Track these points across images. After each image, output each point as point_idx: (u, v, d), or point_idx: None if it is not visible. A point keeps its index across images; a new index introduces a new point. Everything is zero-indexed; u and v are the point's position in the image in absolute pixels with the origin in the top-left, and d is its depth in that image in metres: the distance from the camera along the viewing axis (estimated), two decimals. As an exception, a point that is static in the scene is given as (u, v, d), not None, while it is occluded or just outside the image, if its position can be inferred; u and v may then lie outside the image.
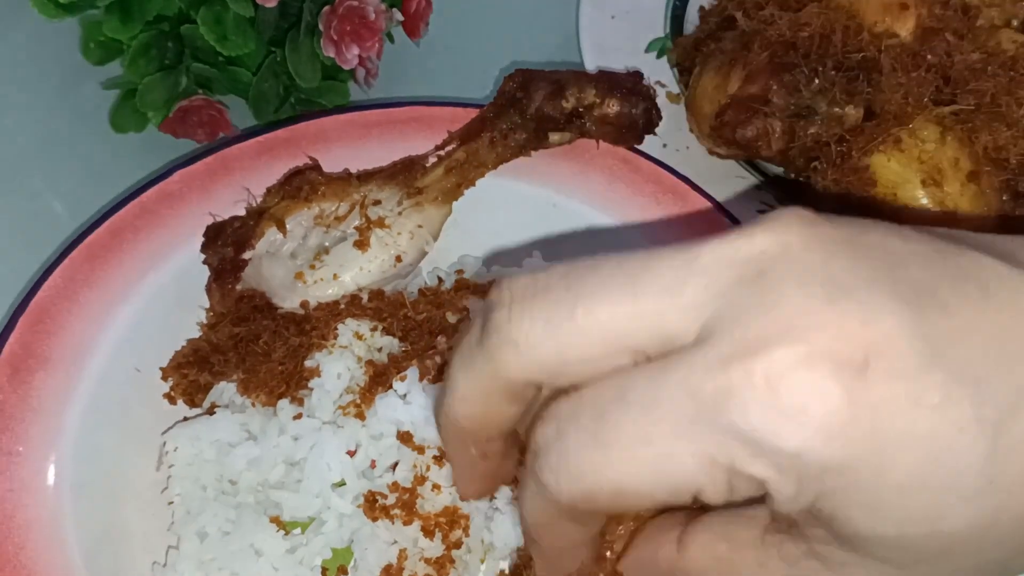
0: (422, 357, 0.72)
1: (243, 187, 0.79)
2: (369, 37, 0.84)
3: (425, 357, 0.72)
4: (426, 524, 0.67)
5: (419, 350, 0.73)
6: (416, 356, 0.72)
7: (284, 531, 0.69)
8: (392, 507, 0.67)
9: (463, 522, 0.67)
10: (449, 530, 0.66)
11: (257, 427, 0.71)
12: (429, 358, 0.72)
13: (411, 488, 0.68)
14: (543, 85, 0.80)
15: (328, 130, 0.81)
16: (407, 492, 0.67)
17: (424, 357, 0.72)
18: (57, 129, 0.90)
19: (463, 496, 0.52)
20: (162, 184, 0.77)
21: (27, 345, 0.71)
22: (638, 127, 0.81)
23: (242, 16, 0.81)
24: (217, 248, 0.76)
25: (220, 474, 0.70)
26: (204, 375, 0.74)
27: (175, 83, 0.83)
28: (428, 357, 0.72)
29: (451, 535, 0.67)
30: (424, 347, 0.73)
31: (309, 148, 0.80)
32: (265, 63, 0.84)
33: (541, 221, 0.81)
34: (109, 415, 0.72)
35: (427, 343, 0.73)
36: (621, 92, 0.80)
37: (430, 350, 0.73)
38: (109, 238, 0.75)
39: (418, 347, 0.73)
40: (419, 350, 0.73)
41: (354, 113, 0.82)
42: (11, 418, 0.69)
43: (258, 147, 0.79)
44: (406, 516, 0.66)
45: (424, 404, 0.70)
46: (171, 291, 0.76)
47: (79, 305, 0.73)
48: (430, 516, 0.67)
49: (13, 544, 0.66)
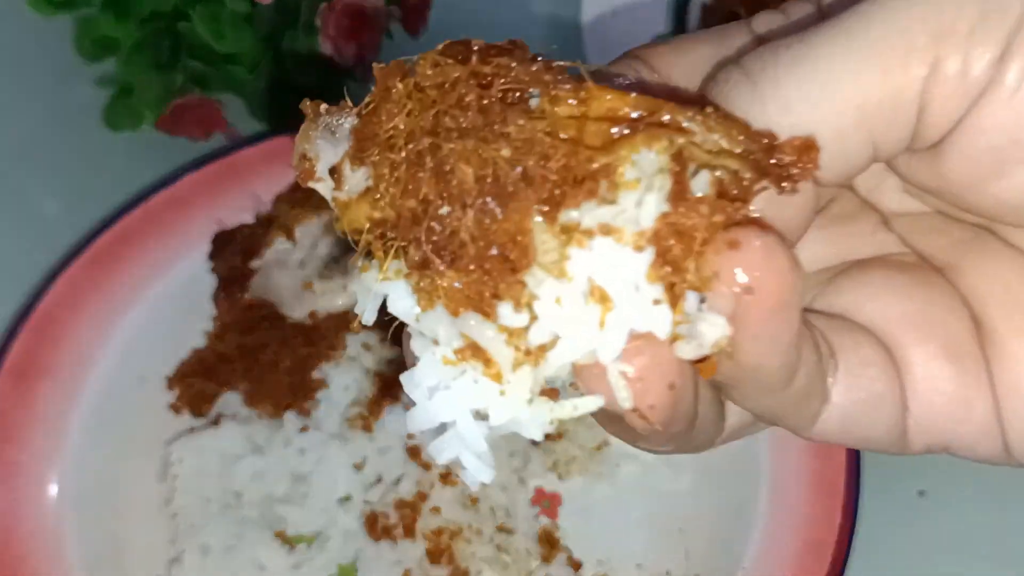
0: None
1: (252, 193, 0.77)
2: (368, 34, 0.82)
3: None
4: (431, 545, 0.66)
5: (429, 362, 0.71)
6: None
7: (289, 546, 0.68)
8: (394, 527, 0.66)
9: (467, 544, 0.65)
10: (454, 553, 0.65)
11: (263, 439, 0.70)
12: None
13: (412, 503, 0.67)
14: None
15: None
16: (409, 509, 0.66)
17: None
18: (50, 128, 0.88)
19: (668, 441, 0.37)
20: (169, 189, 0.76)
21: (30, 353, 0.70)
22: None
23: (238, 13, 0.80)
24: (225, 256, 0.75)
25: (225, 486, 0.69)
26: (210, 385, 0.73)
27: (170, 81, 0.82)
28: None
29: (457, 559, 0.65)
30: (434, 360, 0.71)
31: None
32: (262, 61, 0.83)
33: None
34: (112, 425, 0.71)
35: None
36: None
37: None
38: (114, 244, 0.74)
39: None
40: (429, 362, 0.71)
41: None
42: (14, 428, 0.68)
43: (267, 152, 0.78)
44: (408, 535, 0.65)
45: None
46: (177, 299, 0.75)
47: (83, 313, 0.72)
48: (432, 535, 0.66)
49: (14, 556, 0.65)
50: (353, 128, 0.33)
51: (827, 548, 0.63)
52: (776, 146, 0.32)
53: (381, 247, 0.32)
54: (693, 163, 0.31)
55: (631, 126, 0.31)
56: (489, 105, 0.31)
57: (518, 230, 0.30)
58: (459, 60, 0.32)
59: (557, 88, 0.31)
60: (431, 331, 0.32)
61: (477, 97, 0.31)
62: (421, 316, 0.32)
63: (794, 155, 0.32)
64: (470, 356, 0.31)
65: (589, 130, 0.31)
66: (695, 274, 0.31)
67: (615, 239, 0.30)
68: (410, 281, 0.31)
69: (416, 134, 0.31)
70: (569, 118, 0.31)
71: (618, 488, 0.71)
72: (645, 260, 0.31)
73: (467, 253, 0.30)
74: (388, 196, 0.32)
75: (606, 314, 0.31)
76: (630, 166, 0.30)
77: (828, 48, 0.32)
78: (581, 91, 0.31)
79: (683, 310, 0.31)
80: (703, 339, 0.31)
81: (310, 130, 0.34)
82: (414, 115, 0.32)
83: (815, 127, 0.32)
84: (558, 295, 0.30)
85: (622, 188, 0.30)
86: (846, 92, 0.32)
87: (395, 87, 0.32)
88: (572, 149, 0.30)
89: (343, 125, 0.34)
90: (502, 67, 0.31)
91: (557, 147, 0.30)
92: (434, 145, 0.31)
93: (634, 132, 0.31)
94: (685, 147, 0.31)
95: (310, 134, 0.34)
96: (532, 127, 0.31)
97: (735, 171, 0.32)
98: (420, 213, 0.31)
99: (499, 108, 0.31)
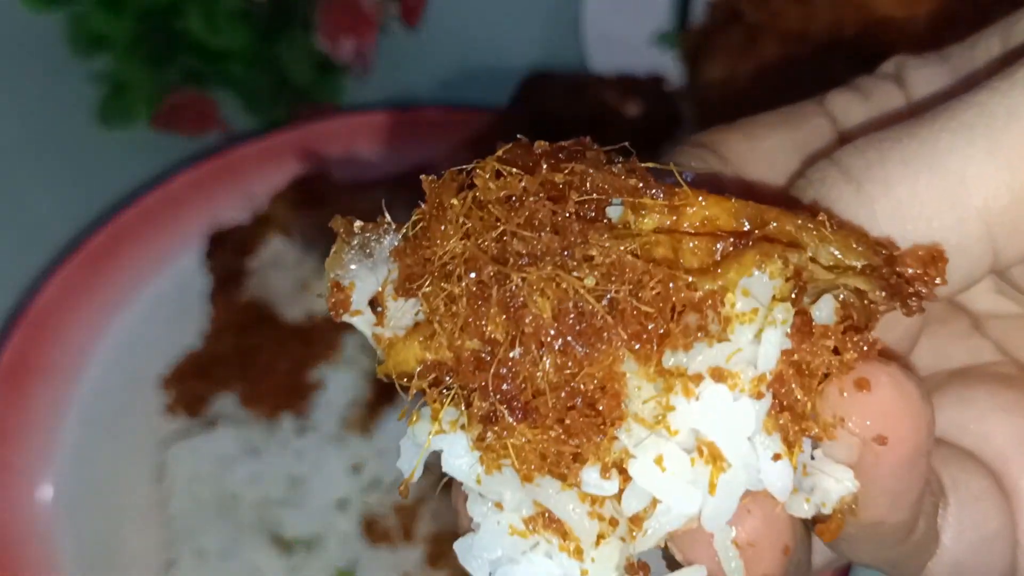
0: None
1: (247, 192, 0.76)
2: (365, 29, 0.82)
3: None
4: (430, 549, 0.65)
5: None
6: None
7: (286, 549, 0.67)
8: (393, 531, 0.65)
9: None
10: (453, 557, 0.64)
11: (259, 441, 0.69)
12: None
13: (411, 506, 0.66)
14: (560, 88, 0.78)
15: (335, 134, 0.78)
16: (408, 512, 0.66)
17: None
18: (42, 125, 0.87)
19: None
20: (164, 188, 0.75)
21: (23, 354, 0.69)
22: (658, 133, 0.78)
23: (234, 9, 0.79)
24: (221, 256, 0.74)
25: (221, 489, 0.68)
26: (205, 386, 0.72)
27: (165, 78, 0.81)
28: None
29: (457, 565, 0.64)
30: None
31: (316, 152, 0.77)
32: (257, 57, 0.82)
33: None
34: (107, 426, 0.70)
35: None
36: (641, 96, 0.77)
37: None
38: (108, 243, 0.73)
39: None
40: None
41: (362, 116, 0.80)
42: (6, 429, 0.67)
43: (263, 150, 0.77)
44: (407, 539, 0.64)
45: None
46: (172, 299, 0.74)
47: (76, 313, 0.71)
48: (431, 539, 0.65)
49: (6, 559, 0.64)
50: (397, 249, 0.28)
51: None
52: (897, 257, 0.27)
53: (436, 395, 0.27)
54: (811, 283, 0.26)
55: (738, 240, 0.26)
56: (565, 223, 0.25)
57: (608, 376, 0.25)
58: (524, 167, 0.26)
59: (644, 195, 0.26)
60: (495, 494, 0.26)
61: (550, 213, 0.25)
62: (484, 477, 0.26)
63: (919, 267, 0.28)
64: (543, 527, 0.26)
65: (685, 248, 0.26)
66: (814, 419, 0.26)
67: (729, 385, 0.25)
68: (471, 435, 0.26)
69: (478, 260, 0.25)
70: (658, 231, 0.26)
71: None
72: (763, 408, 0.25)
73: (544, 405, 0.25)
74: (445, 334, 0.26)
75: (718, 475, 0.25)
76: (742, 293, 0.25)
77: (947, 145, 0.28)
78: (672, 196, 0.26)
79: (797, 461, 0.26)
80: (827, 497, 0.27)
81: (343, 252, 0.28)
82: (475, 236, 0.26)
83: (934, 235, 0.28)
84: (658, 453, 0.25)
85: (735, 321, 0.25)
86: (969, 195, 0.28)
87: (451, 204, 0.26)
88: (668, 274, 0.25)
89: (383, 245, 0.28)
90: (577, 174, 0.26)
91: (651, 272, 0.25)
92: (501, 273, 0.25)
93: (741, 249, 0.26)
94: (803, 265, 0.26)
95: (343, 257, 0.28)
96: (620, 247, 0.25)
97: (858, 290, 0.26)
98: (485, 356, 0.26)
99: (578, 226, 0.25)
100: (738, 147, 0.33)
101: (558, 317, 0.25)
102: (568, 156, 0.27)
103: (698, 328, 0.25)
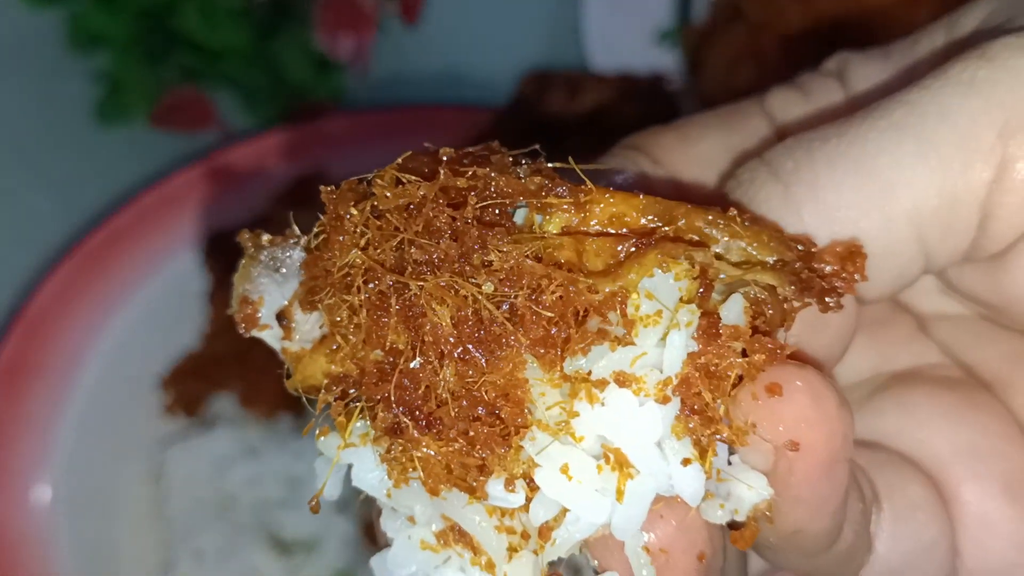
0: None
1: (246, 191, 0.76)
2: (364, 27, 0.81)
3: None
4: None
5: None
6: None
7: (284, 551, 0.66)
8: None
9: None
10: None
11: (257, 442, 0.69)
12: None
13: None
14: (560, 87, 0.78)
15: (335, 133, 0.78)
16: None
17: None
18: (40, 123, 0.87)
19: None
20: (162, 187, 0.74)
21: (21, 355, 0.69)
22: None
23: (232, 7, 0.79)
24: (220, 256, 0.73)
25: (219, 491, 0.68)
26: (203, 386, 0.72)
27: (162, 76, 0.81)
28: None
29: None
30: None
31: (315, 151, 0.77)
32: (255, 56, 0.82)
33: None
34: (104, 426, 0.70)
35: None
36: (642, 96, 0.77)
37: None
38: (106, 243, 0.73)
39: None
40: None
41: (360, 115, 0.79)
42: (4, 431, 0.67)
43: (261, 150, 0.77)
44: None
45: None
46: (170, 299, 0.73)
47: (74, 313, 0.71)
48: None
49: (3, 561, 0.64)
50: (303, 263, 0.28)
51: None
52: (815, 253, 0.27)
53: (342, 408, 0.27)
54: (719, 282, 0.26)
55: (640, 240, 0.26)
56: (464, 229, 0.25)
57: (510, 383, 0.25)
58: (424, 175, 0.26)
59: (547, 196, 0.26)
60: (406, 508, 0.26)
61: (448, 220, 0.25)
62: (393, 491, 0.26)
63: (837, 263, 0.27)
64: (454, 541, 0.26)
65: (589, 249, 0.25)
66: (726, 424, 0.26)
67: (634, 390, 0.25)
68: (378, 448, 0.26)
69: (376, 270, 0.25)
70: (563, 234, 0.25)
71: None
72: (671, 412, 0.25)
73: (447, 415, 0.25)
74: (348, 347, 0.26)
75: (625, 482, 0.25)
76: (645, 296, 0.25)
77: (874, 146, 0.27)
78: (578, 195, 0.25)
79: (710, 466, 0.26)
80: (740, 504, 0.26)
81: (251, 267, 0.29)
82: (373, 246, 0.26)
83: (861, 237, 0.28)
84: (564, 461, 0.25)
85: (639, 324, 0.25)
86: (898, 198, 0.27)
87: (348, 214, 0.26)
88: (568, 277, 0.25)
89: (291, 258, 0.29)
90: (479, 178, 0.25)
91: (551, 276, 0.25)
92: (400, 284, 0.25)
93: (643, 249, 0.25)
94: (708, 263, 0.26)
95: (251, 271, 0.29)
96: (519, 252, 0.25)
97: (770, 287, 0.26)
98: (387, 367, 0.25)
99: (476, 232, 0.25)
100: (672, 148, 0.33)
101: (457, 325, 0.24)
102: (473, 161, 0.26)
103: (599, 332, 0.24)
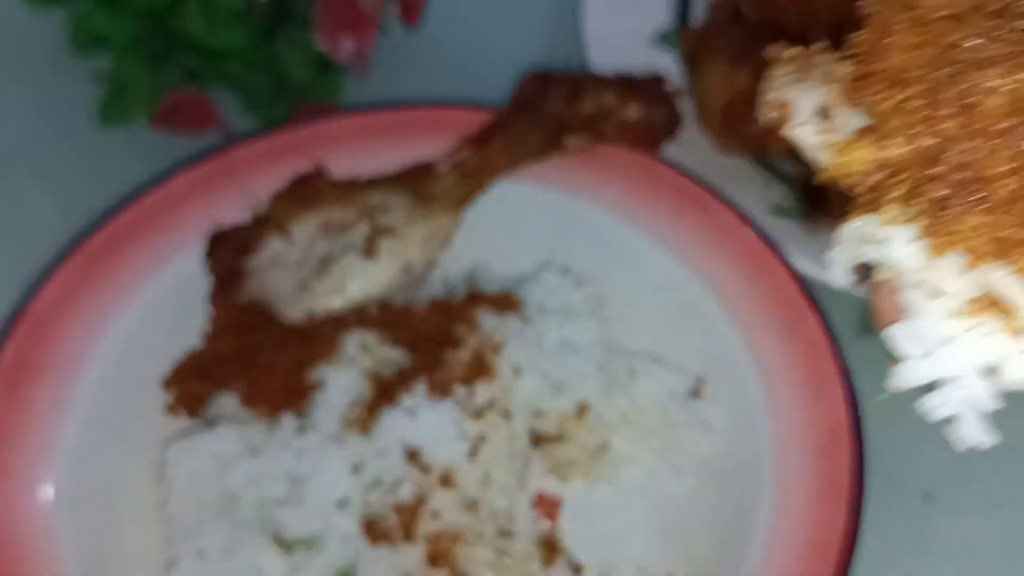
0: (431, 371, 0.70)
1: (247, 191, 0.76)
2: (365, 28, 0.81)
3: (434, 371, 0.70)
4: (430, 549, 0.65)
5: (428, 364, 0.71)
6: (425, 370, 0.70)
7: (286, 549, 0.67)
8: (393, 530, 0.65)
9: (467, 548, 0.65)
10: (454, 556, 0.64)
11: (259, 441, 0.69)
12: (438, 372, 0.70)
13: (411, 506, 0.66)
14: (560, 88, 0.78)
15: (335, 133, 0.78)
16: (408, 512, 0.65)
17: (433, 371, 0.70)
18: (42, 124, 0.87)
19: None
20: (163, 188, 0.75)
21: (24, 355, 0.69)
22: (659, 133, 0.78)
23: (233, 8, 0.79)
24: (220, 256, 0.74)
25: (221, 489, 0.68)
26: (205, 386, 0.72)
27: (164, 77, 0.82)
28: (437, 371, 0.70)
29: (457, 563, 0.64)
30: (433, 361, 0.71)
31: (315, 151, 0.77)
32: (257, 56, 0.82)
33: (556, 228, 0.79)
34: (106, 426, 0.70)
35: (436, 356, 0.71)
36: (642, 96, 0.77)
37: (439, 364, 0.70)
38: (108, 243, 0.73)
39: (427, 360, 0.71)
40: (428, 364, 0.71)
41: (361, 115, 0.80)
42: (6, 430, 0.67)
43: (262, 150, 0.77)
44: (408, 539, 0.64)
45: (432, 420, 0.68)
46: (172, 299, 0.74)
47: (76, 313, 0.71)
48: (432, 539, 0.65)
49: (7, 560, 0.64)
50: (831, 71, 0.32)
51: (831, 551, 0.62)
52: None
53: (886, 190, 0.29)
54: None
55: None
56: (1010, 36, 0.28)
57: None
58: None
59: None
60: (938, 281, 0.29)
61: (991, 28, 0.28)
62: (929, 264, 0.29)
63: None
64: (985, 308, 0.28)
65: None
66: None
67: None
68: (918, 225, 0.28)
69: (929, 66, 0.28)
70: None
71: (619, 491, 0.71)
72: None
73: (1001, 190, 0.27)
74: (899, 133, 0.29)
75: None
76: None
77: None
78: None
79: None
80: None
81: (781, 76, 0.33)
82: (923, 48, 0.29)
83: None
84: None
85: None
86: None
87: (898, 22, 0.30)
88: None
89: (815, 69, 0.32)
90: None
91: None
92: (956, 73, 0.28)
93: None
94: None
95: (782, 79, 0.33)
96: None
97: None
98: (939, 150, 0.28)
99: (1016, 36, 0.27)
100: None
101: (1011, 114, 0.27)
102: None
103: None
